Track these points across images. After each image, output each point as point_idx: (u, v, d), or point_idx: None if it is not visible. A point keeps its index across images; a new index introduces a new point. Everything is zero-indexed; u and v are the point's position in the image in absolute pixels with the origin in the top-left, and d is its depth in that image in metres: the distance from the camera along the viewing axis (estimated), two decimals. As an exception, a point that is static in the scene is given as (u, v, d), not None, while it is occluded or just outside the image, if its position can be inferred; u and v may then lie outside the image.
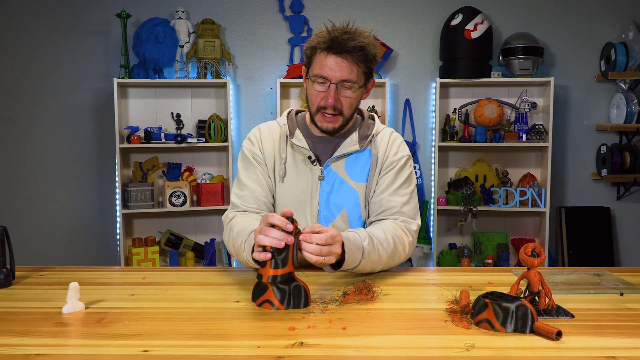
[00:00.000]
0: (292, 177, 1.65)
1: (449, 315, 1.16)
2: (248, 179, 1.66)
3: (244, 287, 1.39)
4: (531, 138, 3.77)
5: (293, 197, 1.64)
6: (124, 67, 3.63)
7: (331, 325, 1.11)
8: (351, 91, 1.56)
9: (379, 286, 1.38)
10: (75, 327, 1.11)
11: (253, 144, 1.70)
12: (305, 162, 1.65)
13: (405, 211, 1.62)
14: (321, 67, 1.53)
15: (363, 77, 1.58)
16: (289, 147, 1.67)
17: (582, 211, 3.97)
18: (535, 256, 1.16)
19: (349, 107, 1.59)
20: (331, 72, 1.52)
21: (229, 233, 1.55)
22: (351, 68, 1.53)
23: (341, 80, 1.53)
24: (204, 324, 1.12)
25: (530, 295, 1.17)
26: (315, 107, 1.59)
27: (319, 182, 1.64)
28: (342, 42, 1.50)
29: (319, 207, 1.64)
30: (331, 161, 1.64)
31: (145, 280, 1.48)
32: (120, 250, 3.71)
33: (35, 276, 1.51)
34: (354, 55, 1.52)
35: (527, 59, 3.70)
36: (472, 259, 3.99)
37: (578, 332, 1.07)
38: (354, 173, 1.65)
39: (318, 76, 1.54)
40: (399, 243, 1.53)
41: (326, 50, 1.52)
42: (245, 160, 1.69)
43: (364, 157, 1.66)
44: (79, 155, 3.87)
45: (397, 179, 1.65)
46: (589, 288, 1.38)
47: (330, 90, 1.54)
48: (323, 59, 1.53)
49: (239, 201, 1.64)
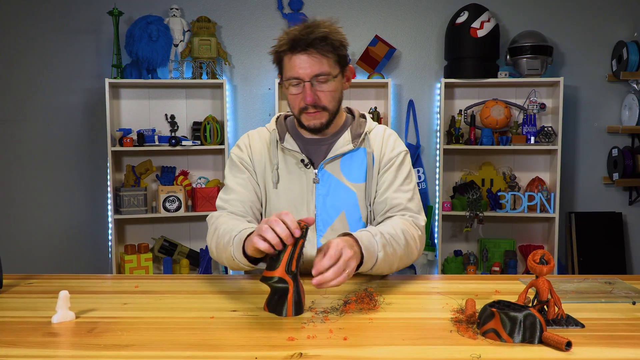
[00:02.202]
0: (286, 183, 1.66)
1: (454, 325, 1.17)
2: (235, 184, 1.67)
3: (241, 296, 1.39)
4: (540, 141, 3.77)
5: (288, 203, 1.65)
6: (116, 66, 3.64)
7: (332, 335, 1.11)
8: (327, 84, 1.57)
9: (381, 295, 1.39)
10: (66, 338, 1.11)
11: (242, 150, 1.71)
12: (298, 165, 1.66)
13: (411, 207, 1.64)
14: (291, 68, 1.56)
15: (337, 66, 1.59)
16: (280, 152, 1.68)
17: (592, 217, 3.98)
18: (544, 263, 1.16)
19: (331, 99, 1.60)
20: (301, 71, 1.54)
21: (213, 232, 1.55)
22: (320, 60, 1.54)
23: (314, 76, 1.55)
24: (199, 334, 1.12)
25: (538, 304, 1.17)
26: (297, 110, 1.61)
27: (314, 185, 1.65)
28: (302, 38, 1.52)
29: (316, 211, 1.64)
30: (325, 163, 1.65)
31: (138, 288, 1.48)
32: (112, 258, 3.71)
33: (23, 284, 1.51)
34: (318, 46, 1.53)
35: (536, 58, 3.71)
36: (479, 266, 3.99)
37: (589, 342, 1.07)
38: (350, 174, 1.66)
39: (290, 78, 1.56)
40: (409, 238, 1.53)
41: (290, 51, 1.55)
42: (233, 167, 1.71)
43: (359, 157, 1.67)
44: (69, 158, 3.88)
45: (399, 176, 1.66)
46: (600, 297, 1.38)
47: (306, 88, 1.56)
48: (290, 60, 1.56)
49: (225, 204, 1.65)
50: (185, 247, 3.89)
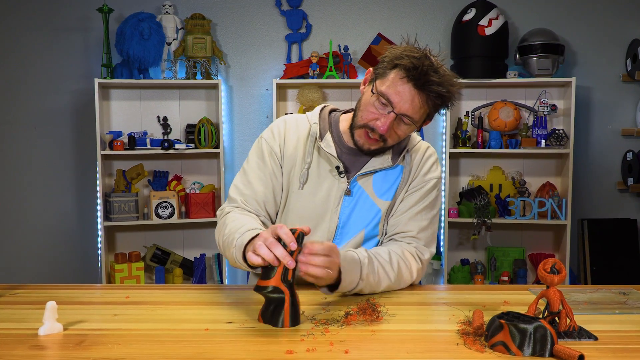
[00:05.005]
0: (313, 186, 1.63)
1: (461, 337, 1.17)
2: (255, 177, 1.64)
3: (237, 307, 1.39)
4: (551, 144, 3.78)
5: (311, 209, 1.63)
6: (106, 66, 3.65)
7: (332, 348, 1.11)
8: (405, 127, 1.55)
9: (384, 306, 1.39)
10: (53, 351, 1.11)
11: (274, 138, 1.66)
12: (331, 171, 1.63)
13: (421, 237, 1.63)
14: (393, 89, 1.50)
15: (425, 118, 1.58)
16: (315, 151, 1.65)
17: (606, 224, 3.98)
18: (555, 273, 1.16)
19: (396, 139, 1.59)
20: (399, 101, 1.50)
21: (221, 228, 1.55)
22: (420, 107, 1.52)
23: (403, 114, 1.51)
24: (193, 347, 1.12)
25: (549, 316, 1.17)
26: (362, 122, 1.56)
27: (343, 196, 1.62)
28: (426, 81, 1.48)
29: (338, 224, 1.63)
30: (360, 176, 1.63)
31: (129, 299, 1.48)
32: (102, 267, 3.71)
33: (9, 295, 1.51)
34: (431, 97, 1.51)
35: (546, 57, 3.72)
36: (486, 276, 3.99)
37: (602, 355, 1.07)
38: (380, 189, 1.64)
39: (383, 95, 1.51)
40: (404, 268, 1.54)
41: (407, 75, 1.49)
42: (259, 154, 1.67)
43: (395, 174, 1.65)
44: (56, 162, 3.88)
45: (421, 202, 1.65)
46: (614, 308, 1.38)
47: (388, 117, 1.51)
48: (398, 81, 1.50)
49: (239, 198, 1.62)
50: (179, 256, 3.89)
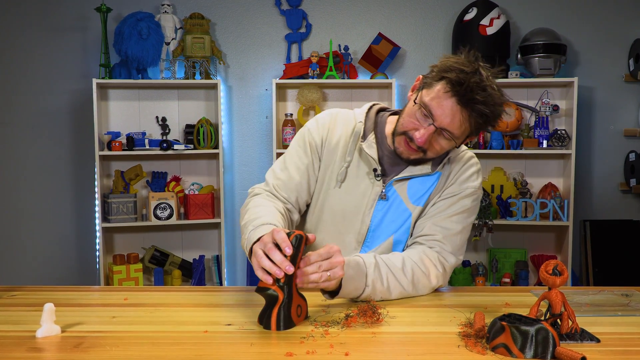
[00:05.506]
0: (350, 186, 1.63)
1: (462, 339, 1.17)
2: (293, 165, 1.64)
3: (236, 309, 1.39)
4: (553, 144, 3.78)
5: (344, 209, 1.62)
6: (104, 66, 3.65)
7: (332, 350, 1.11)
8: (445, 141, 1.52)
9: (384, 308, 1.39)
10: (51, 353, 1.11)
11: (318, 129, 1.66)
12: (368, 173, 1.62)
13: (447, 243, 1.58)
14: (437, 101, 1.47)
15: (466, 135, 1.55)
16: (356, 151, 1.64)
17: (608, 225, 3.98)
18: (557, 275, 1.16)
19: (435, 153, 1.56)
20: (441, 115, 1.47)
21: (245, 207, 1.56)
22: (461, 123, 1.48)
23: (444, 128, 1.49)
24: (192, 350, 1.12)
25: (551, 318, 1.17)
26: (402, 129, 1.55)
27: (377, 199, 1.61)
28: (471, 98, 1.44)
29: (369, 226, 1.62)
30: (395, 180, 1.61)
31: (127, 301, 1.48)
32: (100, 268, 3.71)
33: (6, 297, 1.51)
34: (473, 115, 1.47)
35: (548, 57, 3.72)
36: (488, 277, 3.99)
37: (604, 358, 1.07)
38: (415, 194, 1.62)
39: (426, 107, 1.49)
40: (420, 274, 1.50)
41: (452, 90, 1.45)
42: (300, 144, 1.67)
43: (431, 180, 1.62)
44: (54, 163, 3.88)
45: (452, 208, 1.61)
46: (617, 310, 1.38)
47: (428, 130, 1.49)
48: (442, 95, 1.47)
49: (273, 182, 1.63)
50: (178, 257, 3.89)
